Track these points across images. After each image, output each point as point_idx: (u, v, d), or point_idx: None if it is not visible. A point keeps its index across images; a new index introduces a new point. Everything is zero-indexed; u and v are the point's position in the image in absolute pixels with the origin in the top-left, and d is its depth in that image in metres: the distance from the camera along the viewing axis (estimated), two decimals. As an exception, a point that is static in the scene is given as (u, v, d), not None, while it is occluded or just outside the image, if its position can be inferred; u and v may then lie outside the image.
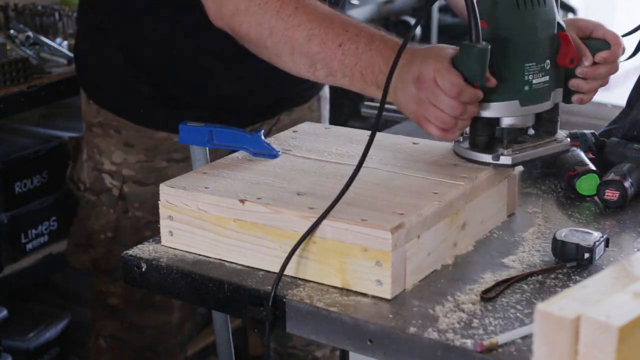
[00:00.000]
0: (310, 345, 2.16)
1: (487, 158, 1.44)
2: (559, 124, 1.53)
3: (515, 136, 1.47)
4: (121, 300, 1.93)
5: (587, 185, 1.54)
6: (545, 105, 1.47)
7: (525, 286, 1.29)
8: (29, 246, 2.51)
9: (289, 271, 1.31)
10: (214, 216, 1.36)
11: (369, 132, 1.60)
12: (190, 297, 1.38)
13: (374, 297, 1.25)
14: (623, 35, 1.76)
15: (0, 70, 2.35)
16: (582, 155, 1.59)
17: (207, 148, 1.57)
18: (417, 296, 1.26)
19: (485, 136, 1.46)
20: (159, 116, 1.85)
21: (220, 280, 1.33)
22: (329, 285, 1.28)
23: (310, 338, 1.27)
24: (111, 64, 1.85)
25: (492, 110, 1.43)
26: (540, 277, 1.31)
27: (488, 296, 1.25)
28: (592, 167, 1.56)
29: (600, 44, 1.52)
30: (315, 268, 1.29)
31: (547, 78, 1.45)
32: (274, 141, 1.56)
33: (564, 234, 1.35)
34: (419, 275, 1.30)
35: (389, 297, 1.25)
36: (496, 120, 1.46)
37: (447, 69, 1.36)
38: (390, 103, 1.44)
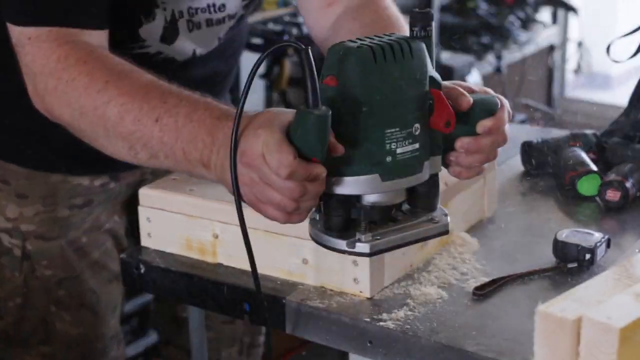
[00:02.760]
0: None
1: (341, 244, 1.18)
2: (438, 198, 1.24)
3: (382, 215, 1.20)
4: None
5: (588, 185, 1.54)
6: (415, 179, 1.19)
7: (526, 286, 1.29)
8: (29, 248, 2.51)
9: (286, 274, 1.31)
10: (196, 218, 1.37)
11: None
12: (189, 299, 1.38)
13: (373, 298, 1.26)
14: (623, 36, 1.75)
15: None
16: (584, 155, 1.59)
17: None
18: (417, 296, 1.26)
19: (339, 217, 1.18)
20: (51, 156, 1.58)
21: (220, 281, 1.32)
22: (329, 287, 1.28)
23: (311, 340, 1.27)
24: None
25: (345, 187, 1.16)
26: (540, 277, 1.31)
27: (480, 292, 1.25)
28: (594, 167, 1.55)
29: (486, 104, 1.23)
30: (303, 269, 1.30)
31: (416, 146, 1.17)
32: None
33: (565, 234, 1.34)
34: (396, 274, 1.30)
35: (368, 295, 1.25)
36: (356, 198, 1.19)
37: (278, 143, 1.11)
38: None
